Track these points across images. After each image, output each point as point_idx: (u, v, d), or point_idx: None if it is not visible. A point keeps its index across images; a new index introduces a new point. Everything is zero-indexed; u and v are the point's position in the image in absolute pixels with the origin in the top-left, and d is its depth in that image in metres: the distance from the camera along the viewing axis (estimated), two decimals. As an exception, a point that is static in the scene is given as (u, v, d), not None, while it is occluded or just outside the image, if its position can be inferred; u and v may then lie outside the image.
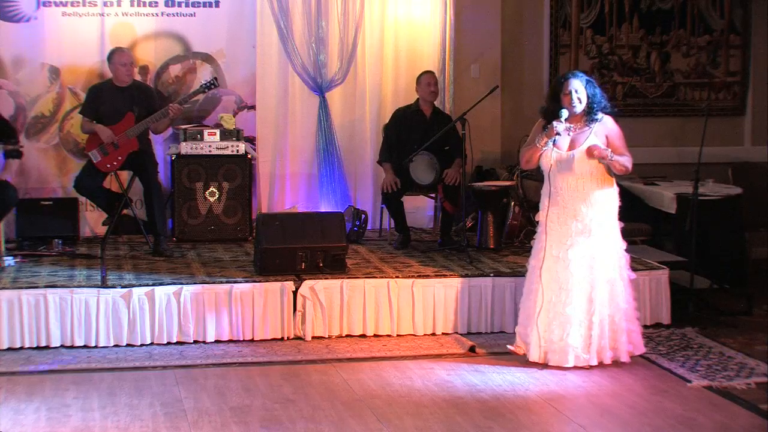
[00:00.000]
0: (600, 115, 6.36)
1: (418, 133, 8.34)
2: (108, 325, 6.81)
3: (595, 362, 6.35)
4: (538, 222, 6.53)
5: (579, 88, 6.31)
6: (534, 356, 6.41)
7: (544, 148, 6.32)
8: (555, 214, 6.37)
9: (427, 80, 8.47)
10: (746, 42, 10.00)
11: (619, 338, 6.42)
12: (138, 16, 8.89)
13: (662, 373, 6.39)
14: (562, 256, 6.34)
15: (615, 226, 6.43)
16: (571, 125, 6.35)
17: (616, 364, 6.47)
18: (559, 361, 6.36)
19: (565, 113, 6.28)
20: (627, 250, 6.52)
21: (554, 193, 6.37)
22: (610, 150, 6.29)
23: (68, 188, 8.65)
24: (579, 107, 6.32)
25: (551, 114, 6.36)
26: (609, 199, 6.40)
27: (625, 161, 6.36)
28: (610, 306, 6.38)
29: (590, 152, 6.28)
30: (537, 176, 7.57)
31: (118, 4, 8.83)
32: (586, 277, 6.32)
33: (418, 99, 8.50)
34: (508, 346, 6.59)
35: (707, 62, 9.96)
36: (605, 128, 6.37)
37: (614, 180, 6.43)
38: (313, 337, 7.03)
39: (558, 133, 6.26)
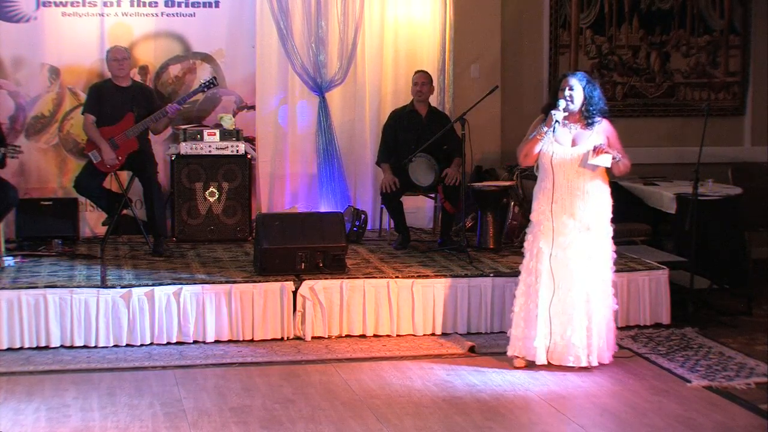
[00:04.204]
0: (599, 117, 6.38)
1: (414, 133, 8.35)
2: (108, 325, 6.81)
3: (595, 363, 6.35)
4: (531, 221, 6.53)
5: (576, 86, 6.34)
6: (542, 359, 6.37)
7: (543, 139, 6.34)
8: (552, 212, 6.37)
9: (414, 80, 8.49)
10: (746, 42, 10.01)
11: (609, 337, 6.45)
12: (138, 17, 8.88)
13: (662, 373, 6.39)
14: (560, 254, 6.33)
15: (609, 226, 6.44)
16: (566, 113, 6.35)
17: (616, 364, 6.48)
18: (559, 360, 6.36)
19: (563, 103, 6.31)
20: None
21: (552, 189, 6.36)
22: (616, 151, 6.32)
23: (68, 188, 8.64)
24: (572, 105, 6.34)
25: (549, 109, 6.40)
26: (604, 197, 6.42)
27: (627, 163, 6.42)
28: (605, 305, 6.39)
29: (599, 150, 6.26)
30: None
31: (118, 5, 8.83)
32: (583, 275, 6.32)
33: (413, 99, 8.51)
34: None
35: (707, 62, 9.96)
36: (604, 130, 6.40)
37: (608, 180, 6.45)
38: (312, 338, 7.03)
39: (557, 121, 6.30)
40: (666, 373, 6.38)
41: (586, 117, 6.36)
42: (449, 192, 8.20)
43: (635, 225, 8.84)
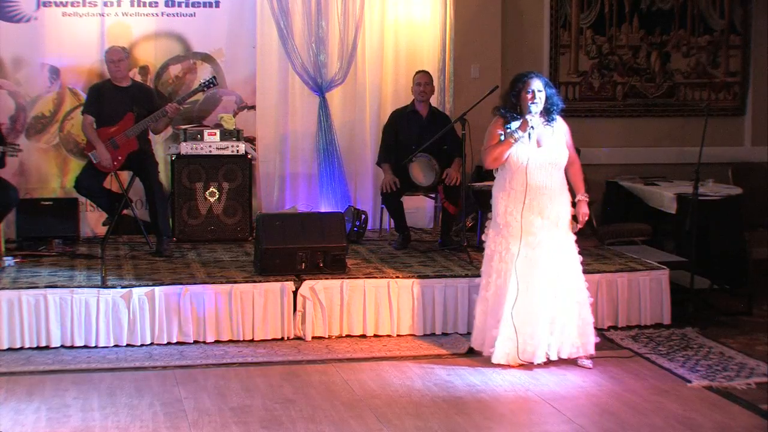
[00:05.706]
0: (555, 115, 6.49)
1: (415, 133, 8.34)
2: (108, 325, 6.81)
3: (564, 355, 6.37)
4: (495, 222, 6.51)
5: (540, 88, 6.42)
6: (498, 358, 6.39)
7: (518, 142, 6.36)
8: (518, 211, 6.39)
9: (417, 79, 8.48)
10: (746, 42, 10.01)
11: (586, 331, 6.45)
12: (138, 16, 8.88)
13: (662, 373, 6.39)
14: (529, 254, 6.36)
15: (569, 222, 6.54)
16: (541, 118, 6.44)
17: (616, 364, 6.48)
18: (529, 358, 6.37)
19: (535, 108, 6.37)
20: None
21: (520, 190, 6.39)
22: (586, 202, 6.51)
23: (68, 188, 8.65)
24: (538, 107, 6.40)
25: (513, 110, 6.42)
26: (566, 194, 6.51)
27: (580, 171, 6.64)
28: (577, 300, 6.41)
29: (581, 222, 6.48)
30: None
31: (118, 5, 8.83)
32: (553, 273, 6.36)
33: (413, 99, 8.51)
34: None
35: (707, 62, 9.96)
36: (562, 128, 6.52)
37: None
38: (313, 337, 7.03)
39: (532, 127, 6.36)
40: (666, 373, 6.39)
41: (546, 115, 6.44)
42: (450, 192, 8.20)
43: (635, 225, 8.84)
